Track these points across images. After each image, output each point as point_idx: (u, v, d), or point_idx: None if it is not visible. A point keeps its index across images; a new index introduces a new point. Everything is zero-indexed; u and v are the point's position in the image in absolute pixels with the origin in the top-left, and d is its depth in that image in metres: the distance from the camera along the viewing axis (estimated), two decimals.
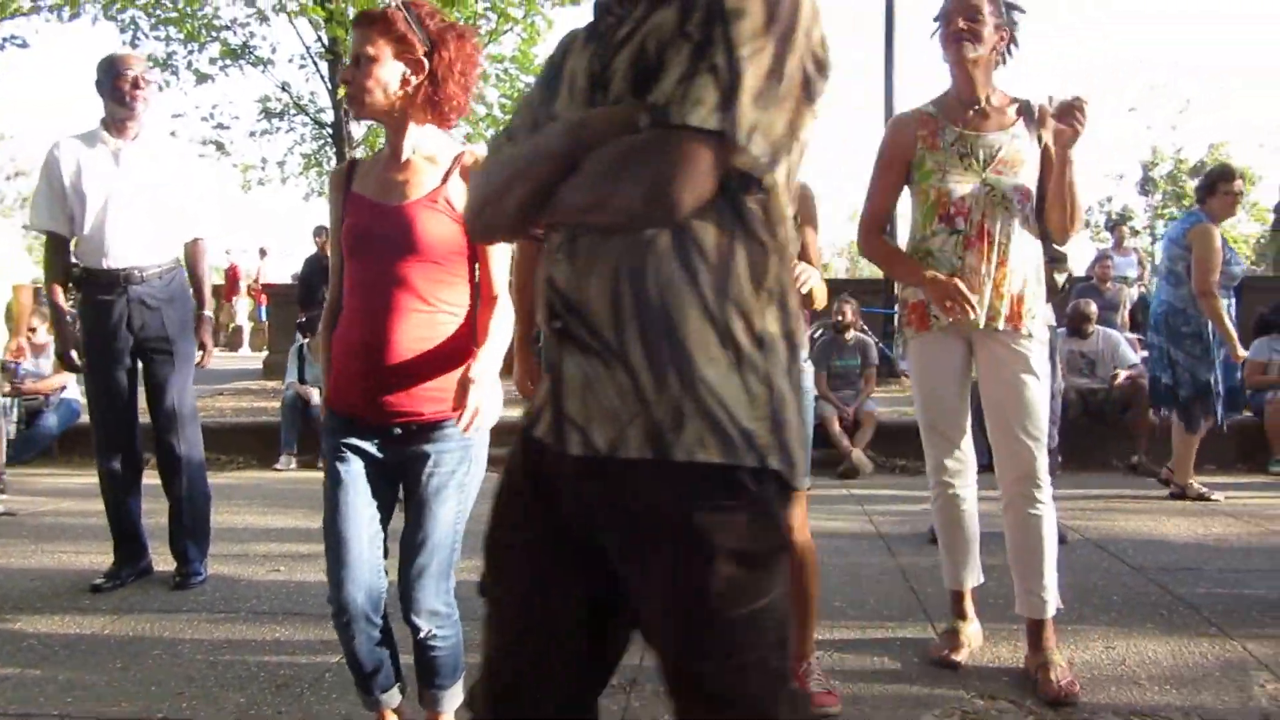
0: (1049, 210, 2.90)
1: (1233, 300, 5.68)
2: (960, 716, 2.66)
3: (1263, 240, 25.18)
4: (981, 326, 2.84)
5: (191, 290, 4.15)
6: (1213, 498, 5.62)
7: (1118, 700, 2.74)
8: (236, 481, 6.59)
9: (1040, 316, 2.92)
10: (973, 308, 2.76)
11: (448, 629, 2.26)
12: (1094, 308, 7.26)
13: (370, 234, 2.17)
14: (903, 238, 3.19)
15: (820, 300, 2.68)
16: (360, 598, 2.19)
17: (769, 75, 1.13)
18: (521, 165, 1.25)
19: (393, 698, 2.36)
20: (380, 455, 2.21)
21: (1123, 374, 6.96)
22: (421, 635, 2.23)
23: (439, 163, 2.22)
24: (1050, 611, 2.91)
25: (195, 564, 4.02)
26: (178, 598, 3.83)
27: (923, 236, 2.94)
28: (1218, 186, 5.44)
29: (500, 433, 2.16)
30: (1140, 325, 10.23)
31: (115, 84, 3.86)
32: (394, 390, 2.13)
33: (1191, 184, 25.22)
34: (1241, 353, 5.46)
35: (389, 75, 2.15)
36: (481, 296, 2.27)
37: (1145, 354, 6.61)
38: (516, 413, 1.72)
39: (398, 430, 2.18)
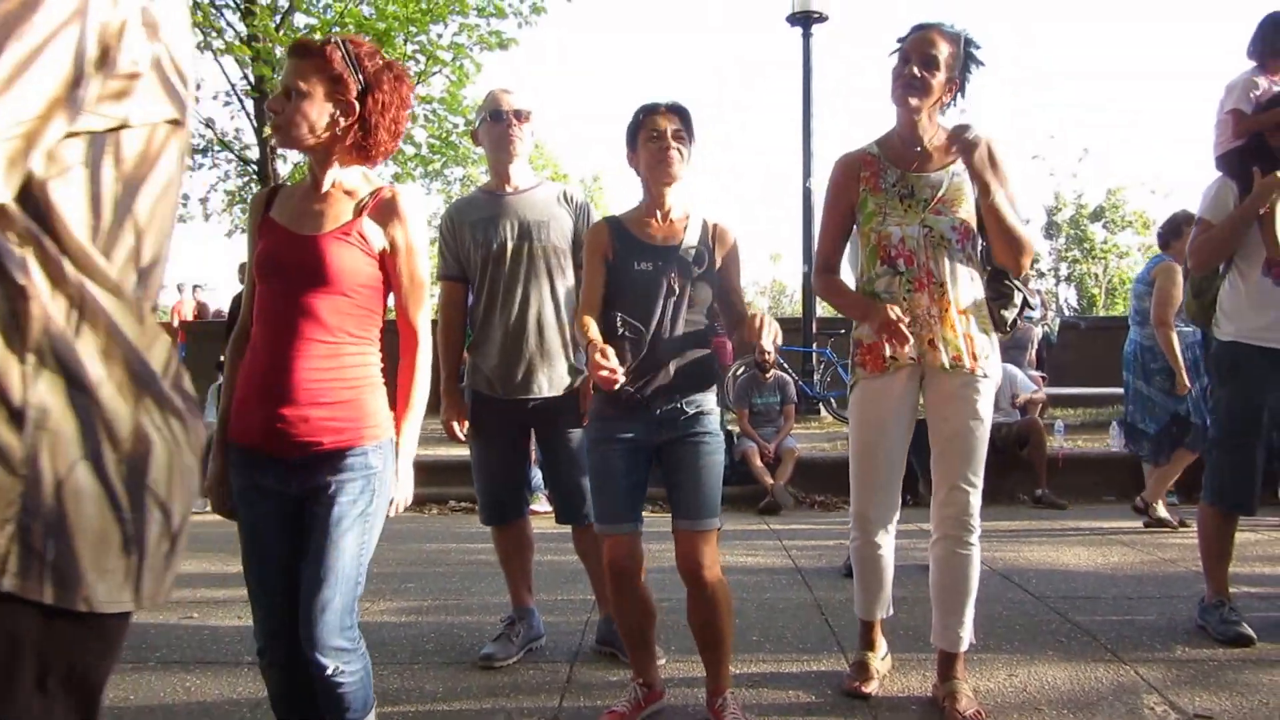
0: (993, 244, 2.94)
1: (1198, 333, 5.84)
2: None
3: None
4: (948, 366, 2.89)
5: None
6: (1173, 523, 5.90)
7: None
8: None
9: (993, 356, 2.99)
10: (906, 339, 2.79)
11: (355, 664, 2.19)
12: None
13: (281, 262, 2.17)
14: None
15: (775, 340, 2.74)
16: (284, 639, 2.17)
17: None
18: None
19: None
20: (285, 488, 2.18)
21: (1022, 397, 7.34)
22: (327, 673, 2.13)
23: (358, 195, 2.23)
24: (965, 646, 3.02)
25: None
26: None
27: (869, 278, 3.01)
28: (1182, 229, 5.63)
29: (432, 471, 2.24)
30: (1044, 362, 10.63)
31: None
32: (293, 420, 2.11)
33: (1092, 227, 26.37)
34: (1187, 384, 5.66)
35: (317, 114, 2.14)
36: (401, 336, 2.28)
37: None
38: (441, 451, 1.76)
39: (298, 461, 2.14)
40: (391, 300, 2.30)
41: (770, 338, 2.66)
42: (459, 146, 12.96)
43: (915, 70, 2.87)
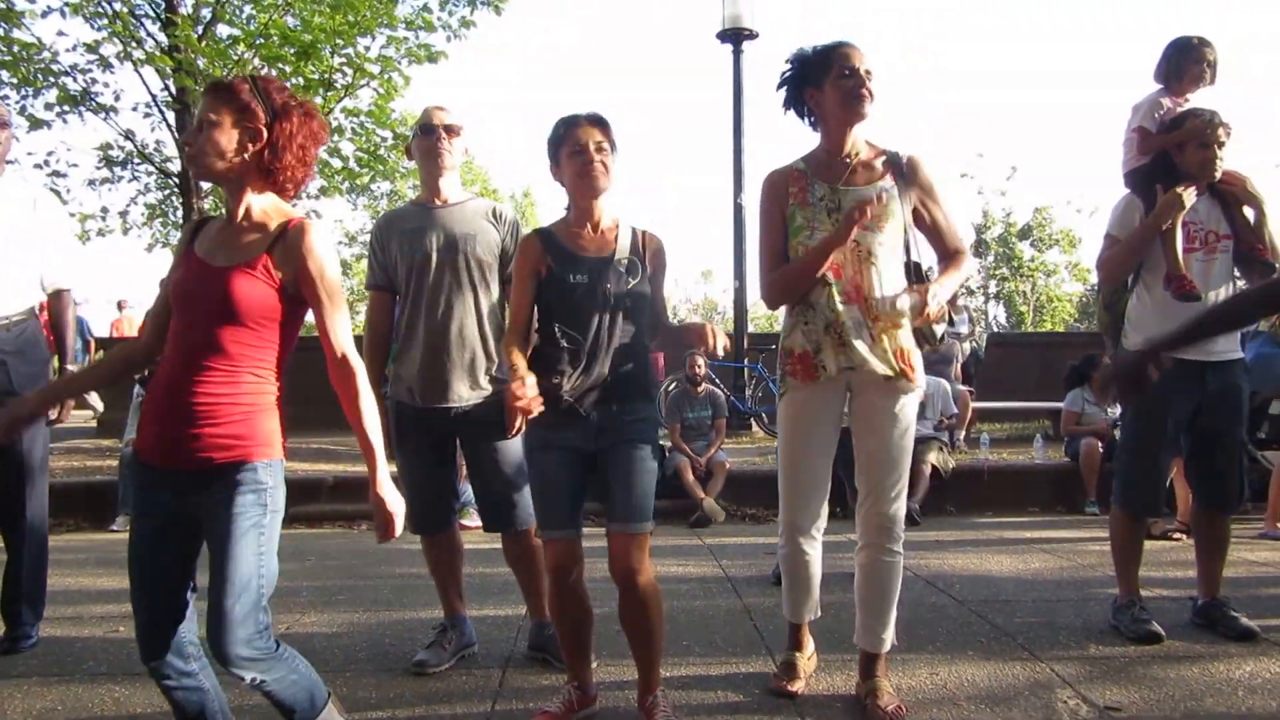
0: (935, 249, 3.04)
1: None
2: None
3: (1085, 299, 27.04)
4: (891, 374, 2.93)
5: (51, 342, 3.99)
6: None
7: None
8: (68, 544, 6.26)
9: (920, 368, 3.05)
10: (867, 215, 2.82)
11: (275, 670, 2.25)
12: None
13: (191, 292, 2.26)
14: None
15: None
16: (167, 651, 2.27)
17: None
18: None
19: None
20: (179, 504, 2.25)
21: (945, 420, 7.61)
22: (247, 683, 2.22)
23: (269, 226, 2.30)
24: (887, 647, 3.11)
25: (27, 626, 3.83)
26: (5, 663, 3.64)
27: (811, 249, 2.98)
28: None
29: (363, 487, 2.30)
30: (971, 378, 10.91)
31: None
32: (187, 436, 2.19)
33: (1020, 245, 27.02)
34: None
35: (226, 141, 2.25)
36: (332, 363, 2.34)
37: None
38: (359, 468, 1.78)
39: (192, 475, 2.21)
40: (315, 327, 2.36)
41: (721, 344, 2.78)
42: (387, 160, 12.84)
43: (870, 83, 2.94)
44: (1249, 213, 3.73)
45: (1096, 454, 7.22)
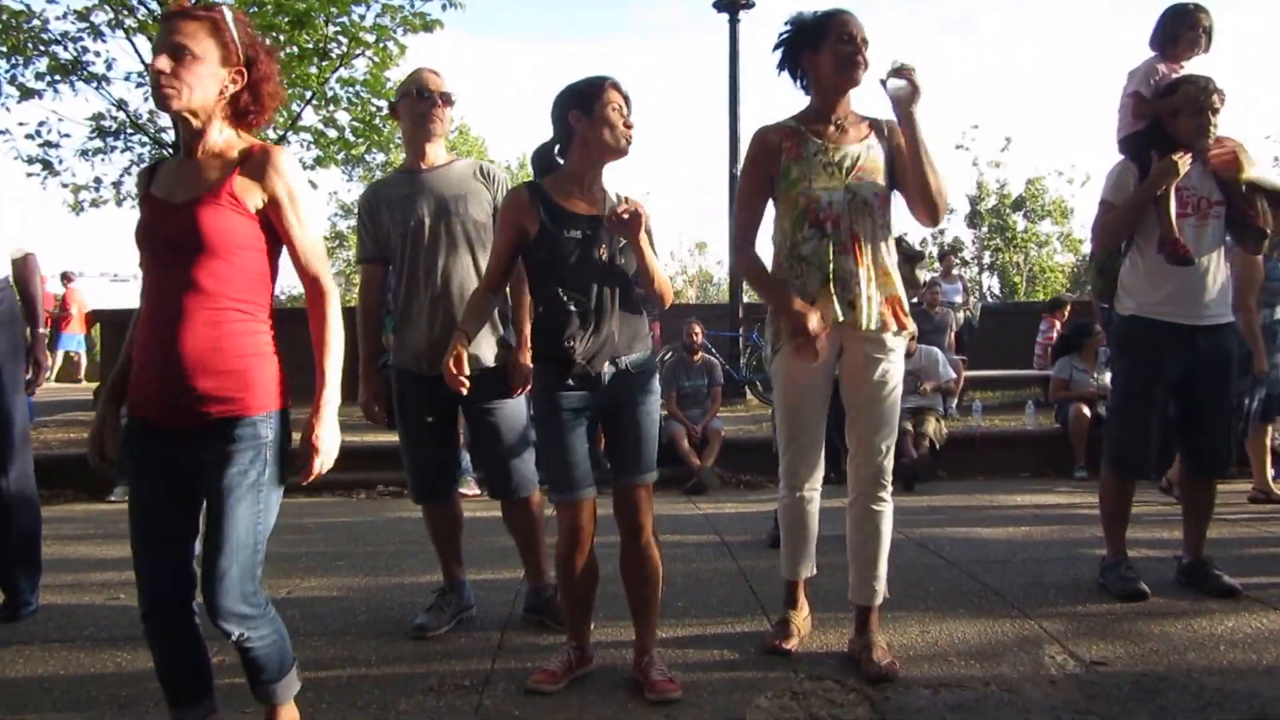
0: (911, 196, 3.03)
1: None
2: (790, 696, 2.86)
3: (1077, 269, 27.03)
4: (872, 327, 2.98)
5: (23, 308, 3.98)
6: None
7: (929, 675, 3.01)
8: (66, 514, 6.31)
9: (909, 316, 3.11)
10: (814, 356, 2.92)
11: (262, 628, 2.25)
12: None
13: (157, 234, 2.17)
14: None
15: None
16: (164, 607, 2.24)
17: None
18: None
19: (202, 715, 2.36)
20: (176, 460, 2.20)
21: (928, 386, 7.65)
22: (234, 639, 2.22)
23: (229, 156, 2.20)
24: (879, 600, 3.17)
25: (26, 594, 3.85)
26: (6, 630, 3.67)
27: (794, 243, 3.06)
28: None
29: (360, 457, 2.27)
30: (965, 347, 10.96)
31: None
32: (179, 391, 2.13)
33: (1014, 216, 26.99)
34: (1265, 366, 5.48)
35: (211, 79, 2.14)
36: (304, 287, 2.27)
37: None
38: (369, 437, 1.78)
39: (188, 432, 2.16)
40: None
41: (637, 214, 2.75)
42: (383, 131, 12.75)
43: (866, 50, 3.00)
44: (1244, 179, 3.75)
45: (1085, 420, 7.30)
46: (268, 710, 2.40)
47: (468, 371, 2.78)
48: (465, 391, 2.80)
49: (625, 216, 2.74)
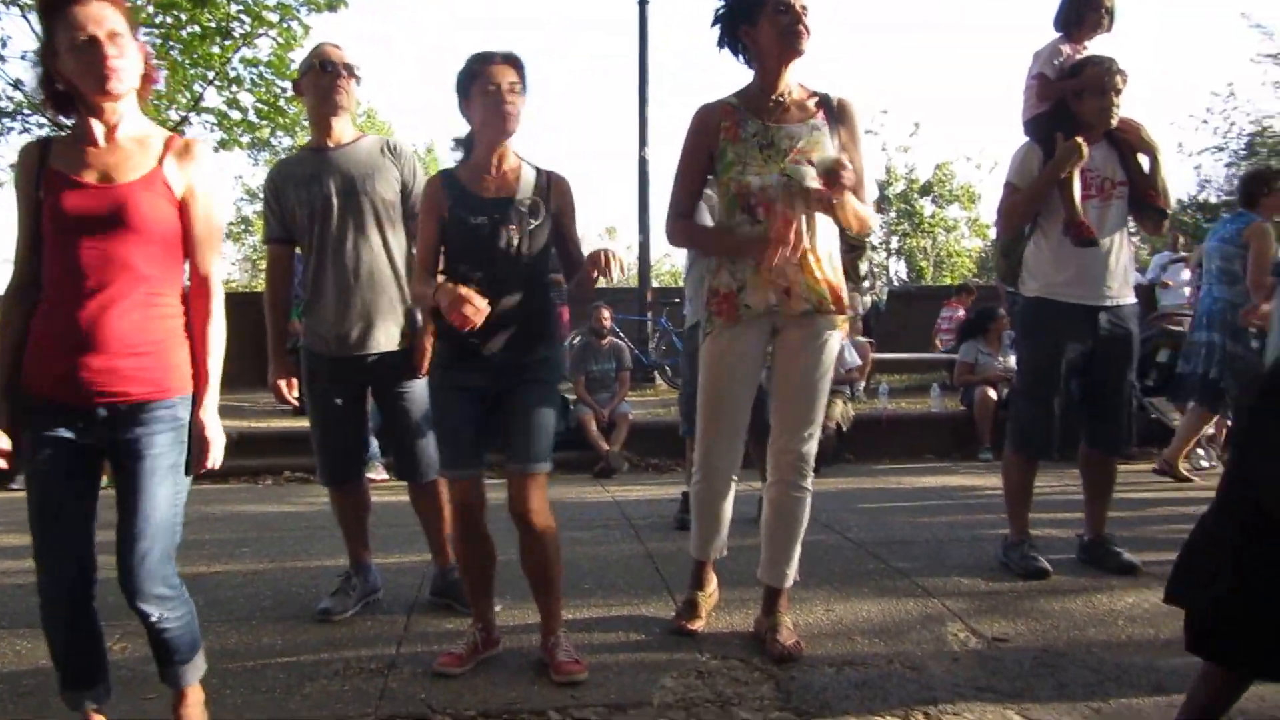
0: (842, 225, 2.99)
1: None
2: (696, 676, 2.82)
3: (984, 254, 27.67)
4: (810, 310, 2.90)
5: None
6: (1192, 478, 6.07)
7: (834, 654, 2.99)
8: None
9: (847, 296, 3.01)
10: (793, 246, 2.81)
11: (178, 609, 2.26)
12: None
13: (92, 214, 2.13)
14: None
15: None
16: (66, 590, 2.21)
17: None
18: None
19: (98, 698, 2.35)
20: (83, 440, 2.17)
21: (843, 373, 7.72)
22: (151, 620, 2.21)
23: (149, 144, 2.23)
24: (789, 583, 3.13)
25: None
26: None
27: (727, 228, 2.99)
28: (1273, 184, 5.71)
29: (267, 442, 2.20)
30: (872, 330, 11.09)
31: None
32: (101, 370, 2.11)
33: (922, 201, 27.52)
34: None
35: (136, 56, 2.15)
36: (191, 284, 2.28)
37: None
38: (275, 423, 1.67)
39: (103, 412, 2.14)
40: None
41: (617, 268, 2.74)
42: (287, 113, 12.38)
43: (805, 20, 2.88)
44: (1143, 160, 3.81)
45: (990, 402, 7.44)
46: (175, 694, 2.38)
47: (480, 305, 2.61)
48: (481, 321, 2.61)
49: (603, 263, 2.72)
